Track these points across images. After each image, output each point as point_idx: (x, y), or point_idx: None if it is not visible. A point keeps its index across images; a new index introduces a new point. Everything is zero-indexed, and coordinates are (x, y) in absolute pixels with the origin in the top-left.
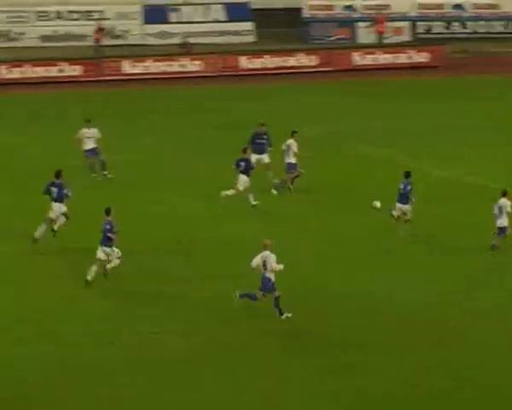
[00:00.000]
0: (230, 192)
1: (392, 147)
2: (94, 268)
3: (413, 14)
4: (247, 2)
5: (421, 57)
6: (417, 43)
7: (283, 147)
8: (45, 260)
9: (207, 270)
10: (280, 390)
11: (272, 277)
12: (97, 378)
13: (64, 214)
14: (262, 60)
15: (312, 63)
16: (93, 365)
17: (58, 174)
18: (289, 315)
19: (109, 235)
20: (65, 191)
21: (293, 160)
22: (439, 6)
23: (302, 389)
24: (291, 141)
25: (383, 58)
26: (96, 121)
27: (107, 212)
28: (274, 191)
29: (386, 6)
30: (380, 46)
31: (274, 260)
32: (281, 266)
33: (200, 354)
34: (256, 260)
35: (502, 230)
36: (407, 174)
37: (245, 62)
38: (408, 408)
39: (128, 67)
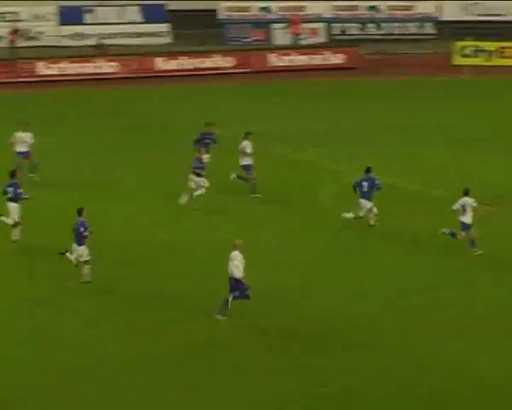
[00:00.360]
0: (201, 191)
1: (311, 148)
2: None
3: (328, 15)
4: (162, 3)
5: (337, 58)
6: (332, 44)
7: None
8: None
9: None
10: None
11: (240, 278)
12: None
13: (15, 221)
14: (178, 61)
15: (229, 64)
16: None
17: (13, 174)
18: (224, 318)
19: (84, 234)
20: (19, 191)
21: (248, 161)
22: (354, 8)
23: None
24: (246, 143)
25: (299, 59)
26: (12, 124)
27: (80, 212)
28: (233, 175)
29: (301, 7)
30: (295, 47)
31: (238, 261)
32: (240, 275)
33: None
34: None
35: (465, 225)
36: (368, 169)
37: (161, 64)
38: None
39: (43, 69)
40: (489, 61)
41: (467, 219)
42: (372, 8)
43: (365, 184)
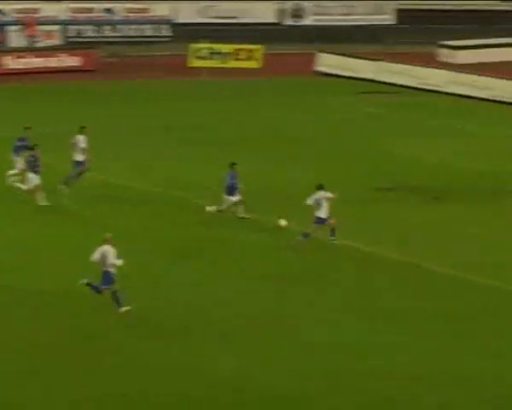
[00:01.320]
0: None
1: (49, 152)
2: None
3: (63, 17)
4: None
5: (73, 61)
6: (69, 46)
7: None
8: None
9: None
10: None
11: (112, 270)
12: None
13: None
14: None
15: None
16: None
17: None
18: (129, 308)
19: None
20: None
21: (80, 157)
22: (90, 10)
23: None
24: (80, 137)
25: (35, 62)
26: None
27: None
28: (62, 187)
29: (36, 10)
30: (31, 50)
31: (113, 255)
32: (120, 262)
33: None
34: (95, 254)
35: (321, 219)
36: (232, 165)
37: None
38: None
39: None
40: (224, 63)
41: (322, 213)
42: (108, 10)
43: (228, 178)
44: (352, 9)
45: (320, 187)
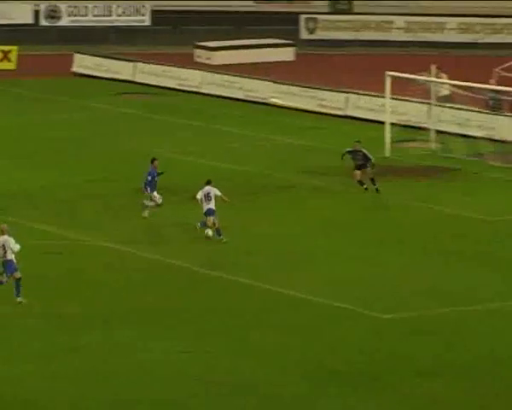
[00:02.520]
0: None
1: None
2: None
3: None
4: None
5: None
6: None
7: None
8: None
9: None
10: None
11: (14, 258)
12: None
13: None
14: None
15: None
16: None
17: None
18: (24, 301)
19: None
20: None
21: None
22: None
23: None
24: None
25: None
26: None
27: None
28: None
29: None
30: None
31: (13, 243)
32: (18, 246)
33: None
34: None
35: (211, 211)
36: (153, 160)
37: None
38: None
39: None
40: None
41: (212, 205)
42: None
43: (147, 172)
44: (109, 10)
45: (208, 182)
